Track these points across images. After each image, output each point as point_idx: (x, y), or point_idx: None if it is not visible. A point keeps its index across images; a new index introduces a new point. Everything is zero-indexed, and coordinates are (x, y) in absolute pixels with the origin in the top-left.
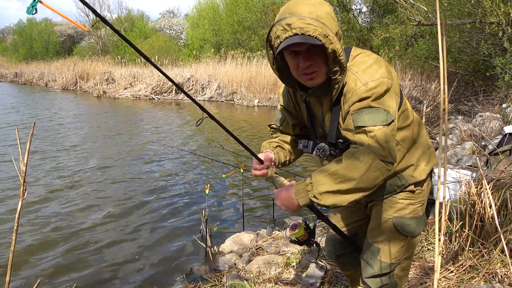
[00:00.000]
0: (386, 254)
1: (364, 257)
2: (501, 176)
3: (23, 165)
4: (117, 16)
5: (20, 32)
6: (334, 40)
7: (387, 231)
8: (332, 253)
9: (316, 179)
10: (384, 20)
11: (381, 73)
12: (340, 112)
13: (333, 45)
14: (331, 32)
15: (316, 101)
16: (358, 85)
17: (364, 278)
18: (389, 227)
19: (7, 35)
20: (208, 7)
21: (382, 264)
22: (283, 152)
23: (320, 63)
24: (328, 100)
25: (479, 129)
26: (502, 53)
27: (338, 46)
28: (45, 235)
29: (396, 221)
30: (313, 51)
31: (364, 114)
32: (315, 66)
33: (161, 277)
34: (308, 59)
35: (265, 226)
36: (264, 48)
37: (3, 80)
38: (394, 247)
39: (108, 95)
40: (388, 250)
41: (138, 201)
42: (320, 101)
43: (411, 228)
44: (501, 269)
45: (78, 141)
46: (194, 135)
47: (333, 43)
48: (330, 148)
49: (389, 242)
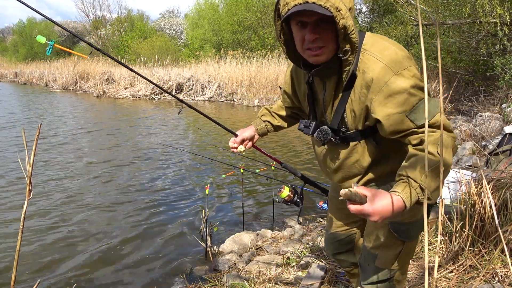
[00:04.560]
0: (384, 261)
1: (361, 262)
2: (501, 176)
3: (29, 166)
4: (117, 16)
5: (20, 32)
6: (347, 15)
7: (383, 236)
8: (331, 251)
9: (423, 181)
10: (384, 20)
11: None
12: (349, 98)
13: (344, 20)
14: (344, 6)
15: (320, 82)
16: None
17: (363, 284)
18: (386, 233)
19: (7, 35)
20: (208, 7)
21: (380, 271)
22: (270, 126)
23: (327, 39)
24: (333, 82)
25: (479, 129)
26: (502, 53)
27: (350, 22)
28: (44, 235)
29: (393, 227)
30: (321, 24)
31: (420, 111)
32: (321, 41)
33: (161, 277)
34: (315, 32)
35: (265, 226)
36: (263, 48)
37: (3, 80)
38: (392, 253)
39: (108, 95)
40: (386, 256)
41: (137, 201)
42: (324, 82)
43: (409, 233)
44: (501, 269)
45: (77, 141)
46: (194, 135)
47: (344, 18)
48: (331, 134)
49: (387, 248)
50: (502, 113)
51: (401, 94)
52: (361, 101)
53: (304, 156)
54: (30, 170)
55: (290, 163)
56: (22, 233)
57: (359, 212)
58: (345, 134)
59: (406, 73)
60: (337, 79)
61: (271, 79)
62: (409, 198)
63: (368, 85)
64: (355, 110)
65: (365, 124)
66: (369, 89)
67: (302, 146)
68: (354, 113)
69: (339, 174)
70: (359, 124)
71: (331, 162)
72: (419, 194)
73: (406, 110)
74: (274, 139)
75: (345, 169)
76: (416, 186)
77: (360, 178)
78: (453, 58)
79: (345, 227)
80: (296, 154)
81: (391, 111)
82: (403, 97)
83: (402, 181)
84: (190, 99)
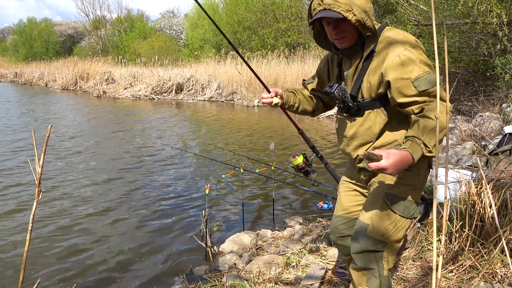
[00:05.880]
0: (374, 230)
1: (354, 234)
2: (501, 176)
3: (38, 167)
4: (117, 16)
5: (20, 32)
6: (358, 11)
7: (378, 205)
8: (335, 235)
9: (425, 138)
10: (384, 20)
11: (417, 42)
12: (368, 71)
13: (356, 17)
14: (356, 7)
15: (347, 61)
16: (400, 48)
17: (352, 254)
18: (380, 202)
19: (7, 35)
20: (208, 7)
21: (369, 239)
22: (294, 97)
23: (347, 30)
24: (358, 58)
25: (479, 129)
26: (502, 53)
27: (363, 16)
28: (44, 235)
29: (388, 196)
30: (340, 21)
31: (423, 80)
32: (342, 33)
33: (161, 277)
34: (336, 28)
35: (265, 226)
36: (263, 48)
37: (3, 80)
38: (382, 222)
39: (108, 95)
40: (377, 225)
41: (137, 201)
42: (350, 60)
43: (400, 206)
44: (501, 269)
45: (77, 141)
46: (194, 135)
47: (356, 15)
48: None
49: (378, 218)
50: (502, 113)
51: (409, 65)
52: (377, 72)
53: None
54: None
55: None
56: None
57: (378, 167)
58: (362, 102)
59: (414, 51)
60: (360, 56)
61: (271, 79)
62: (416, 152)
63: (384, 58)
64: (371, 81)
65: (378, 92)
66: (384, 61)
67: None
68: (370, 84)
69: (355, 142)
70: (373, 92)
71: (349, 130)
72: (423, 149)
73: (411, 78)
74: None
75: (359, 136)
76: (420, 143)
77: (371, 145)
78: (453, 58)
79: (348, 210)
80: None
81: (399, 76)
82: (411, 67)
83: (409, 140)
84: (190, 99)
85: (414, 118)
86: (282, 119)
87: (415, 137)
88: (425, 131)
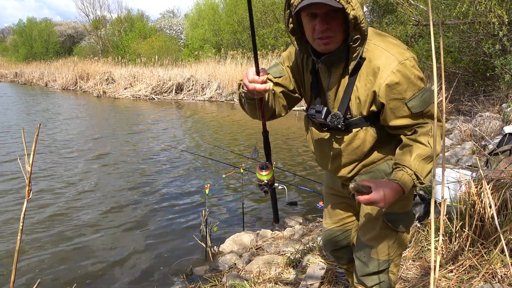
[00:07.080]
0: (380, 252)
1: (357, 255)
2: (501, 176)
3: (28, 166)
4: (117, 16)
5: (20, 32)
6: (357, 6)
7: (378, 227)
8: (328, 248)
9: (418, 169)
10: (384, 20)
11: (406, 47)
12: (355, 86)
13: (355, 12)
14: (354, 0)
15: (325, 71)
16: (393, 63)
17: (360, 277)
18: (379, 223)
19: (7, 35)
20: (208, 7)
21: (377, 262)
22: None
23: (336, 29)
24: (340, 69)
25: (479, 129)
26: (502, 53)
27: (361, 12)
28: (45, 236)
29: (387, 218)
30: (331, 15)
31: (418, 99)
32: (331, 31)
33: (161, 277)
34: (325, 23)
35: (265, 226)
36: (263, 48)
37: (3, 80)
38: (387, 243)
39: (108, 95)
40: (381, 247)
41: (137, 201)
42: (330, 71)
43: (401, 223)
44: (501, 269)
45: (77, 141)
46: (194, 135)
47: (355, 9)
48: (342, 124)
49: (381, 239)
50: (502, 113)
51: (403, 83)
52: (367, 88)
53: (299, 158)
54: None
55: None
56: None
57: (368, 201)
58: (349, 120)
59: (408, 64)
60: (343, 66)
61: None
62: (406, 184)
63: (375, 72)
64: (360, 97)
65: (370, 110)
66: (376, 76)
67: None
68: (359, 100)
69: (337, 161)
70: (364, 109)
71: (332, 148)
72: (414, 180)
73: (405, 98)
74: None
75: (345, 155)
76: (411, 173)
77: (356, 164)
78: (453, 58)
79: (340, 223)
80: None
81: (394, 96)
82: (405, 86)
83: (399, 170)
84: (190, 99)
85: (404, 140)
86: (282, 119)
87: (405, 167)
88: (417, 160)
